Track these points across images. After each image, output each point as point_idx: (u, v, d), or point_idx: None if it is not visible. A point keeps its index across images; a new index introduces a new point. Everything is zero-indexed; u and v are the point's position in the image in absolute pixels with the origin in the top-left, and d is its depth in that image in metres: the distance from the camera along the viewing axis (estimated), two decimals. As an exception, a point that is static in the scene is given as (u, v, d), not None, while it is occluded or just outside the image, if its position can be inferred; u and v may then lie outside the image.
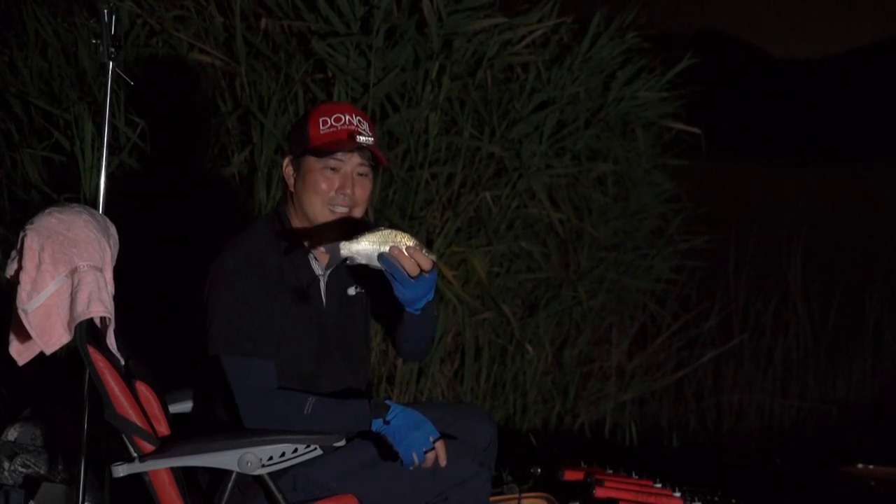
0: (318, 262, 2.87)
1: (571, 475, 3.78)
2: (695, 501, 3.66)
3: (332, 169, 2.80)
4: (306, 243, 2.84)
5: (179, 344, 4.37)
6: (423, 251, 2.61)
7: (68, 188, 4.61)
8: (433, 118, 4.85)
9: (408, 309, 2.73)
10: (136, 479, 2.69)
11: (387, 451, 2.72)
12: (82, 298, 2.63)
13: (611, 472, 3.85)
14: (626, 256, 5.72)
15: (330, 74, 4.79)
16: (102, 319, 2.71)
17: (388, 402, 2.73)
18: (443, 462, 2.69)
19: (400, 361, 4.91)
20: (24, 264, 2.65)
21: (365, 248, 2.59)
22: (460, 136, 4.95)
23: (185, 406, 3.17)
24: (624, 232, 5.72)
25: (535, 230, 5.30)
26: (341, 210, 2.81)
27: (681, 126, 5.81)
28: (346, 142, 2.78)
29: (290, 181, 2.86)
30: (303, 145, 2.81)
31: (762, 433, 6.49)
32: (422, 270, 2.62)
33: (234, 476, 2.68)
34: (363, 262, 2.61)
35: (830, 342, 7.13)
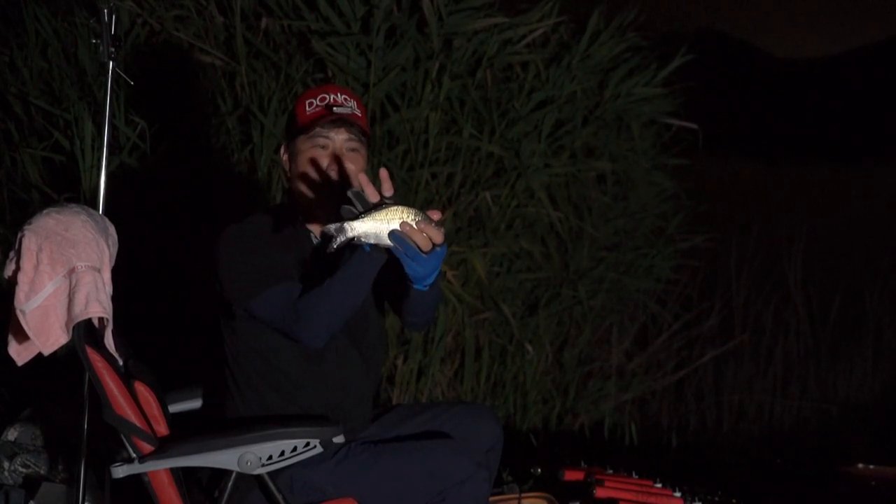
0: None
1: (571, 475, 3.78)
2: (695, 501, 3.65)
3: (322, 147, 2.81)
4: (310, 226, 2.82)
5: (179, 344, 4.38)
6: (433, 225, 2.50)
7: (68, 188, 4.60)
8: (433, 118, 4.85)
9: (416, 286, 2.64)
10: (137, 479, 2.69)
11: (385, 450, 2.71)
12: (80, 299, 2.63)
13: (611, 471, 3.85)
14: (626, 256, 5.72)
15: (330, 74, 4.79)
16: (101, 320, 2.70)
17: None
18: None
19: (400, 361, 4.91)
20: (21, 265, 2.65)
21: (373, 226, 2.46)
22: (460, 135, 4.95)
23: (188, 405, 3.16)
24: (624, 231, 5.71)
25: (535, 230, 5.30)
26: (332, 197, 2.80)
27: (678, 122, 5.81)
28: (327, 115, 2.79)
29: (287, 168, 2.88)
30: (292, 129, 2.85)
31: (762, 433, 6.48)
32: (434, 245, 2.51)
33: (233, 476, 2.68)
34: (373, 241, 2.48)
35: (831, 342, 7.12)
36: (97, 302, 2.64)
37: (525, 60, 5.15)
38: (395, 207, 2.47)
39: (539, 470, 3.91)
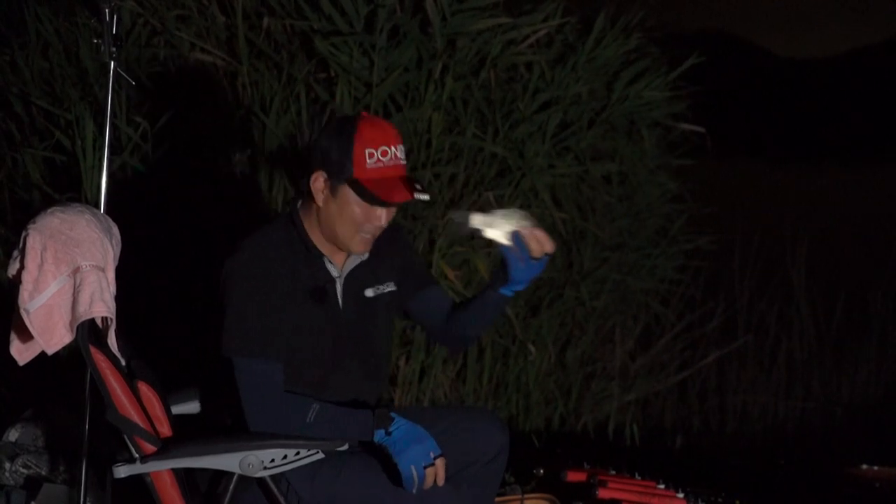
0: (334, 264, 2.85)
1: (574, 476, 3.78)
2: (698, 502, 3.65)
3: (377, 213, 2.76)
4: (323, 249, 2.82)
5: (182, 344, 4.37)
6: (546, 233, 2.70)
7: (70, 188, 4.60)
8: (436, 118, 4.84)
9: (505, 290, 2.80)
10: (138, 479, 2.68)
11: (386, 466, 2.70)
12: (84, 298, 2.62)
13: (614, 473, 3.85)
14: (629, 256, 5.70)
15: (333, 74, 4.78)
16: (104, 319, 2.70)
17: (392, 414, 2.71)
18: (441, 481, 2.66)
19: (402, 362, 4.90)
20: (26, 264, 2.65)
21: (495, 223, 2.68)
22: (463, 135, 4.94)
23: (189, 407, 3.15)
24: (628, 232, 5.70)
25: (539, 230, 5.28)
26: (368, 237, 2.79)
27: (686, 126, 5.80)
28: (402, 193, 2.71)
29: (319, 198, 2.77)
30: (344, 172, 2.71)
31: (766, 434, 6.47)
32: (544, 252, 2.71)
33: (235, 478, 2.67)
34: (489, 235, 2.68)
35: (835, 342, 7.11)
36: (101, 301, 2.63)
37: (529, 61, 5.14)
38: (515, 210, 2.70)
39: (541, 471, 3.91)
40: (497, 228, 2.67)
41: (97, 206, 3.07)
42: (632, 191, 5.72)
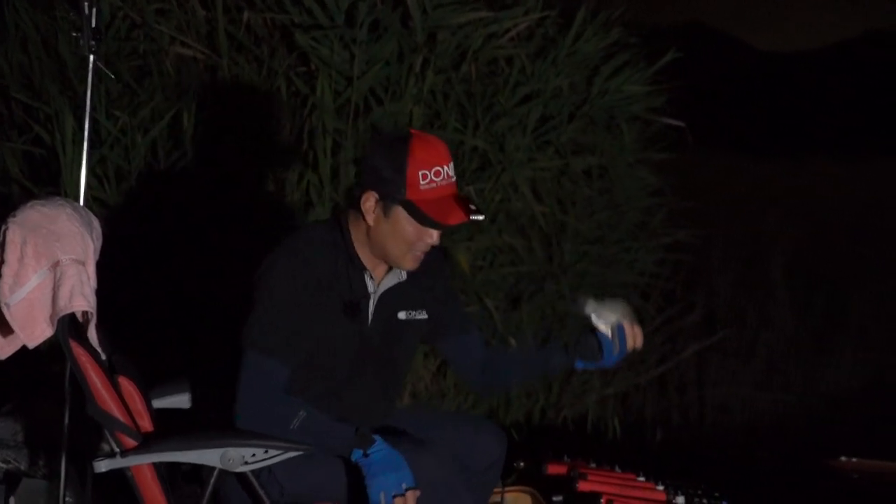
0: (373, 279, 2.83)
1: (554, 469, 3.78)
2: (678, 495, 3.66)
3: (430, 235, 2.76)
4: (365, 261, 2.80)
5: (162, 339, 4.37)
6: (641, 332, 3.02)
7: (49, 182, 4.58)
8: (417, 112, 4.84)
9: (580, 363, 3.09)
10: (119, 474, 2.68)
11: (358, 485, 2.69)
12: (64, 292, 2.62)
13: (594, 465, 3.86)
14: (609, 250, 5.70)
15: (313, 68, 4.77)
16: (84, 314, 2.69)
17: (375, 436, 2.67)
18: None
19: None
20: (6, 257, 2.64)
21: (608, 314, 2.98)
22: (444, 129, 4.94)
23: (177, 399, 3.13)
24: (608, 225, 5.70)
25: (519, 224, 5.29)
26: (420, 254, 2.78)
27: (666, 120, 5.81)
28: (458, 215, 2.72)
29: (370, 217, 2.74)
30: (397, 194, 2.70)
31: (746, 427, 6.50)
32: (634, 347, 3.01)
33: (216, 472, 2.67)
34: (593, 320, 2.98)
35: (814, 335, 7.15)
36: (81, 296, 2.63)
37: (510, 55, 5.14)
38: (620, 302, 3.01)
39: (522, 464, 3.91)
40: (604, 318, 2.96)
41: (77, 200, 3.07)
42: (611, 184, 5.72)
